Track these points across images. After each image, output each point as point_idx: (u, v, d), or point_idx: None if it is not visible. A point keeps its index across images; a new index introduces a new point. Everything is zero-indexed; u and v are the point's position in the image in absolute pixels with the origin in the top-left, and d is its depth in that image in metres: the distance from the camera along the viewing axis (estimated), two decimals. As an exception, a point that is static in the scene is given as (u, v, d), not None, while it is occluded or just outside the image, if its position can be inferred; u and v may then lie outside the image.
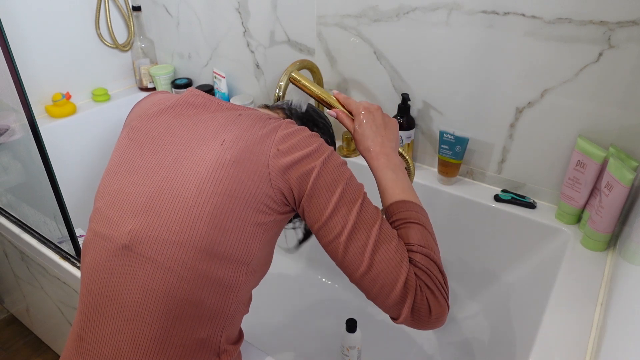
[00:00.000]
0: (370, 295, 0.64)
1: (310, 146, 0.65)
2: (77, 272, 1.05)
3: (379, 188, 0.74)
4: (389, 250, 0.62)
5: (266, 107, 0.85)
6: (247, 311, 0.72)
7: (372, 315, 1.37)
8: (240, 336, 0.73)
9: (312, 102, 1.12)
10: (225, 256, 0.63)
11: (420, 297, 0.61)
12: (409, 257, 0.63)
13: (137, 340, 0.62)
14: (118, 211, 0.66)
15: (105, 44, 1.60)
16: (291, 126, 0.68)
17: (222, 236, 0.62)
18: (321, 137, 0.71)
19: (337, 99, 0.82)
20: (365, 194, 0.67)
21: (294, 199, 0.65)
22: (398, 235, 0.66)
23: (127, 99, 1.65)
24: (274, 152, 0.64)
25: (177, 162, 0.65)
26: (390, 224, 0.68)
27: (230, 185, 0.62)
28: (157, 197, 0.64)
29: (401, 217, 0.68)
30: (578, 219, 1.02)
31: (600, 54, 0.89)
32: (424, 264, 0.64)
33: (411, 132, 1.17)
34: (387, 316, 0.66)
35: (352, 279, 0.64)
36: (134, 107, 0.79)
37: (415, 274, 0.63)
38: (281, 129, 0.66)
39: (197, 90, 0.76)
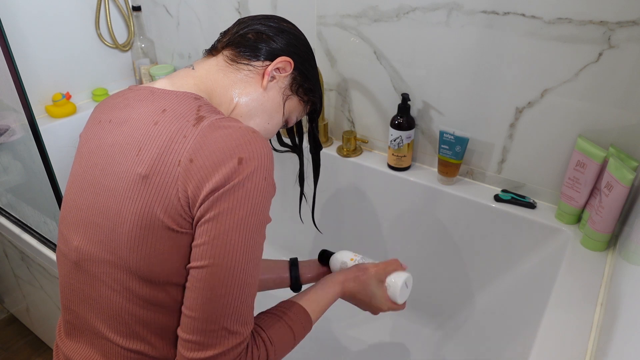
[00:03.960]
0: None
1: (228, 162, 0.55)
2: (77, 272, 1.05)
3: (310, 288, 0.75)
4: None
5: (235, 60, 0.70)
6: None
7: (370, 314, 1.37)
8: None
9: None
10: (154, 280, 0.59)
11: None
12: (257, 343, 0.61)
13: (108, 353, 0.63)
14: (66, 225, 0.65)
15: (105, 44, 1.60)
16: (213, 130, 0.57)
17: (143, 260, 0.58)
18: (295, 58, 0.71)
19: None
20: (261, 248, 0.60)
21: (195, 213, 0.57)
22: (271, 320, 0.66)
23: (127, 99, 1.65)
24: (185, 164, 0.56)
25: (103, 173, 0.61)
26: (278, 305, 0.69)
27: (140, 205, 0.57)
28: (91, 212, 0.61)
29: (292, 317, 0.68)
30: (578, 219, 1.02)
31: (600, 54, 0.89)
32: (259, 356, 0.61)
33: (411, 132, 1.17)
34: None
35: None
36: None
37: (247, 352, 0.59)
38: (200, 133, 0.57)
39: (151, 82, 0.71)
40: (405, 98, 1.14)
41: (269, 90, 0.72)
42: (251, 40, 0.71)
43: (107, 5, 1.55)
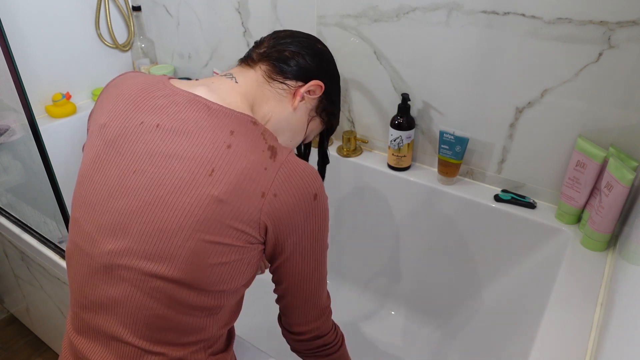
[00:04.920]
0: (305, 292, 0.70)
1: (308, 201, 0.63)
2: (77, 272, 1.05)
3: None
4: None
5: (280, 79, 0.73)
6: (234, 320, 0.72)
7: (372, 314, 1.37)
8: (228, 343, 0.73)
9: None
10: (204, 288, 0.61)
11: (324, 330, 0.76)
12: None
13: (124, 355, 0.63)
14: (96, 226, 0.63)
15: (105, 44, 1.60)
16: (293, 166, 0.63)
17: (201, 273, 0.60)
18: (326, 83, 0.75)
19: None
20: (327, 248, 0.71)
21: (267, 237, 0.63)
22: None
23: (127, 99, 1.64)
24: (270, 198, 0.60)
25: (155, 183, 0.60)
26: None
27: (214, 226, 0.58)
28: (135, 218, 0.60)
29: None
30: (578, 219, 1.02)
31: (600, 54, 0.89)
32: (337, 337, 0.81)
33: (411, 132, 1.17)
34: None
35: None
36: (101, 93, 0.72)
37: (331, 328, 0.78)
38: (283, 169, 0.61)
39: (178, 81, 0.68)
40: (405, 98, 1.14)
41: (298, 110, 0.74)
42: (288, 58, 0.73)
43: (107, 5, 1.55)
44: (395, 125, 1.17)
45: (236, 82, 0.70)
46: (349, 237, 1.41)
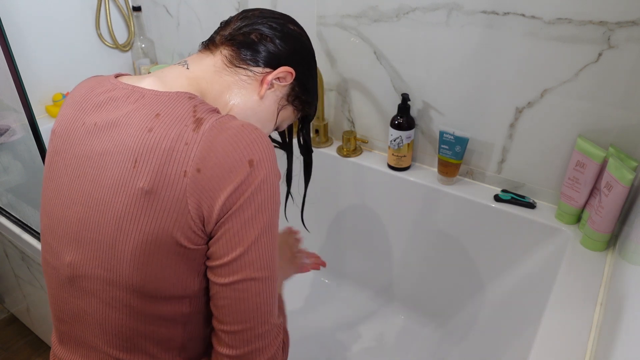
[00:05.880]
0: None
1: (239, 168, 0.53)
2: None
3: None
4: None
5: (233, 64, 0.65)
6: (207, 330, 0.66)
7: (372, 314, 1.37)
8: (207, 347, 0.69)
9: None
10: (158, 295, 0.57)
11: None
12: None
13: None
14: (55, 238, 0.61)
15: (105, 44, 1.60)
16: (217, 134, 0.54)
17: (148, 277, 0.56)
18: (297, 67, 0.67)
19: None
20: (276, 224, 0.59)
21: (208, 227, 0.55)
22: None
23: (127, 99, 1.65)
24: (192, 174, 0.52)
25: (95, 185, 0.57)
26: None
27: (147, 223, 0.54)
28: (83, 226, 0.58)
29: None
30: (578, 219, 1.02)
31: (600, 54, 0.89)
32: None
33: (411, 132, 1.17)
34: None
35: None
36: (65, 100, 0.68)
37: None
38: (204, 139, 0.53)
39: (129, 76, 0.65)
40: (405, 98, 1.14)
41: (265, 99, 0.68)
42: (254, 42, 0.66)
43: (107, 6, 1.55)
44: (395, 125, 1.17)
45: (187, 68, 0.65)
46: (348, 237, 1.41)
